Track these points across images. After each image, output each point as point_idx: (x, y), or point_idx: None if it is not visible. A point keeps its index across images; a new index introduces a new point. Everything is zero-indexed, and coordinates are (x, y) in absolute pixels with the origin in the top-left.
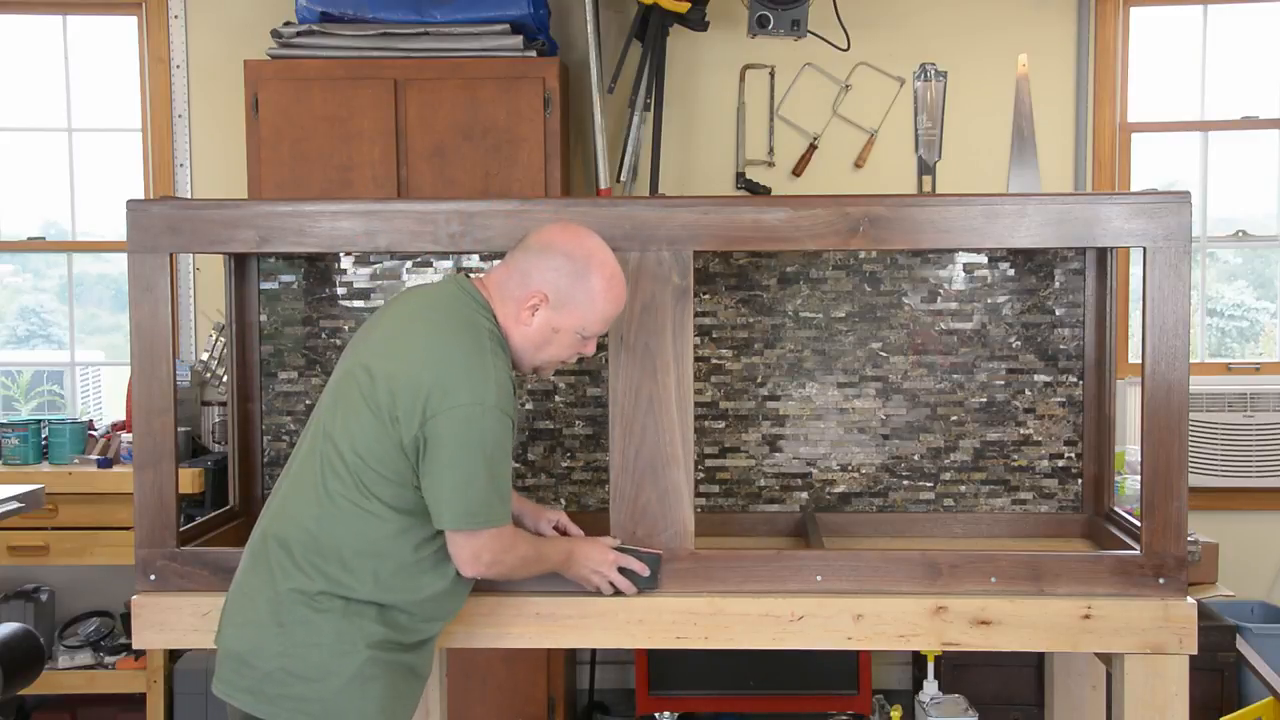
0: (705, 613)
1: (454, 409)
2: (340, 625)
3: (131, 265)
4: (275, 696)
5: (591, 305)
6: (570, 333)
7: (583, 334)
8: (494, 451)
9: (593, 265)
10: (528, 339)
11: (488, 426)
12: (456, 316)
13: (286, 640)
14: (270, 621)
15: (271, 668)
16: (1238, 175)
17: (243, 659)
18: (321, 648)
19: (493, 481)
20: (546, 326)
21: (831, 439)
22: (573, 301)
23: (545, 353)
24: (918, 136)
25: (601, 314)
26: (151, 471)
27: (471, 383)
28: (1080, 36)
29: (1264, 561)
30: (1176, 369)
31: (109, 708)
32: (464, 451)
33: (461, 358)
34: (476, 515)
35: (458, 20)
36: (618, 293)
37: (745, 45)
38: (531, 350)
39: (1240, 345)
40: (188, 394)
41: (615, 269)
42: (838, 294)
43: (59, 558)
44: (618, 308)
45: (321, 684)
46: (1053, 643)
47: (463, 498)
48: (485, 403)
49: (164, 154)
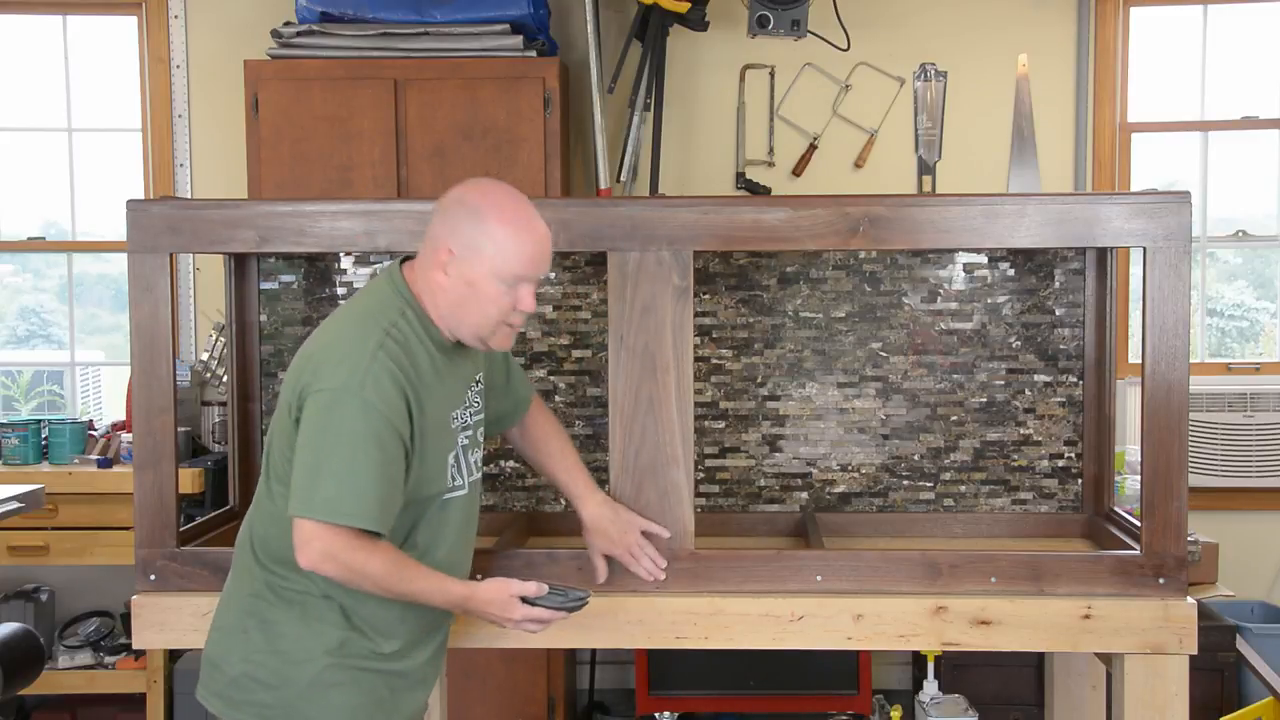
0: (705, 613)
1: (320, 392)
2: (299, 630)
3: (131, 265)
4: (240, 702)
5: (497, 246)
6: (488, 282)
7: (502, 281)
8: (357, 443)
9: (488, 206)
10: (448, 302)
11: (351, 415)
12: (361, 307)
13: (249, 645)
14: (236, 626)
15: (236, 673)
16: (1238, 175)
17: (214, 663)
18: (279, 654)
19: (349, 474)
20: (460, 282)
21: (831, 439)
22: (477, 247)
23: (474, 312)
24: (918, 136)
25: (513, 253)
26: (151, 471)
27: (345, 369)
28: (1080, 36)
29: (1264, 561)
30: (1176, 369)
31: (109, 708)
32: (320, 436)
33: (343, 345)
34: (314, 505)
35: (458, 20)
36: (524, 228)
37: (745, 45)
38: (458, 313)
39: (1240, 345)
40: (188, 394)
41: (519, 207)
42: (838, 294)
43: (59, 558)
44: (533, 245)
45: (280, 690)
46: (1053, 643)
47: (307, 483)
48: (352, 390)
49: (164, 154)
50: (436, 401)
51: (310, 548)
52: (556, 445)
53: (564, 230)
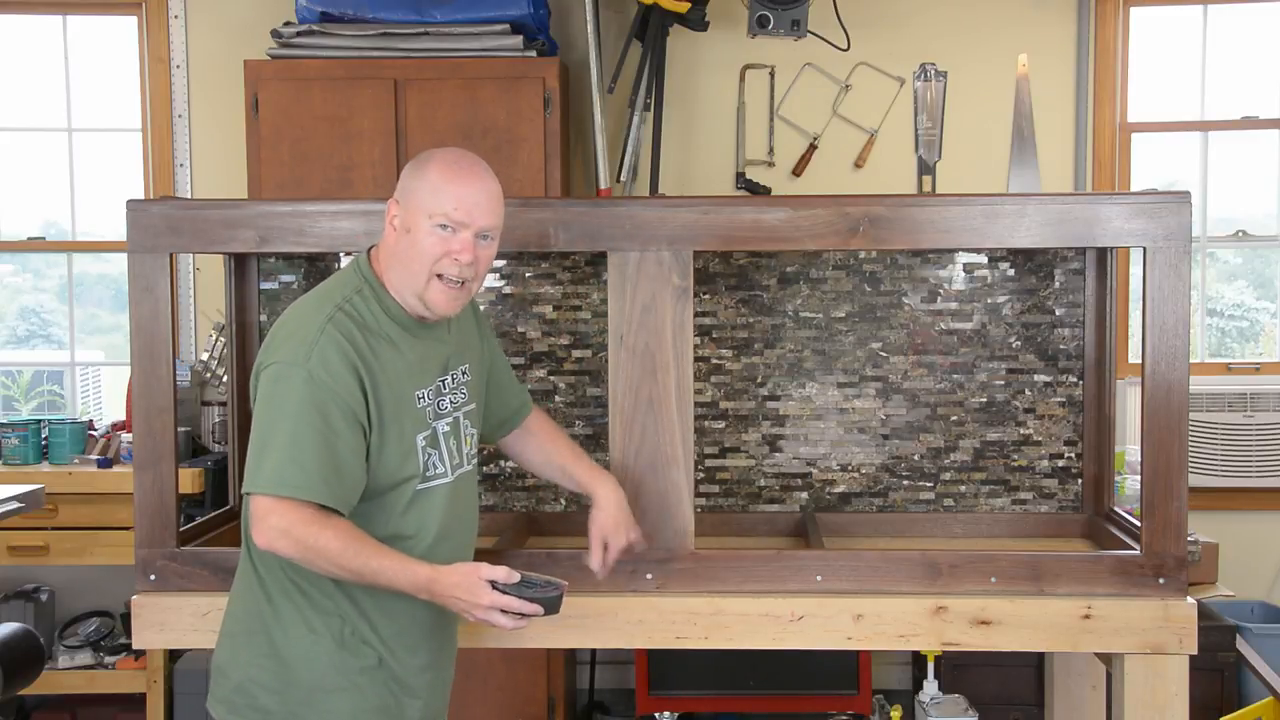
0: (705, 613)
1: (268, 367)
2: (300, 634)
3: (131, 265)
4: (243, 707)
5: (428, 185)
6: (422, 225)
7: (432, 220)
8: (300, 415)
9: (433, 157)
10: (396, 257)
11: (295, 388)
12: (319, 289)
13: (252, 650)
14: (240, 631)
15: (240, 678)
16: (1238, 175)
17: (220, 669)
18: (281, 659)
19: (294, 446)
20: (402, 230)
21: (831, 439)
22: (413, 191)
23: (411, 260)
24: (918, 136)
25: (442, 191)
26: (151, 471)
27: (291, 344)
28: (1080, 36)
29: (1264, 561)
30: (1176, 369)
31: (109, 708)
32: (266, 410)
33: (294, 322)
34: (260, 479)
35: (458, 20)
36: (461, 171)
37: (745, 45)
38: (403, 268)
39: (1240, 345)
40: (188, 394)
41: (462, 158)
42: (838, 294)
43: (59, 558)
44: (464, 187)
45: (283, 695)
46: (1053, 643)
47: (255, 459)
48: (297, 363)
49: (164, 154)
50: (396, 378)
51: (264, 524)
52: (565, 443)
53: (564, 230)
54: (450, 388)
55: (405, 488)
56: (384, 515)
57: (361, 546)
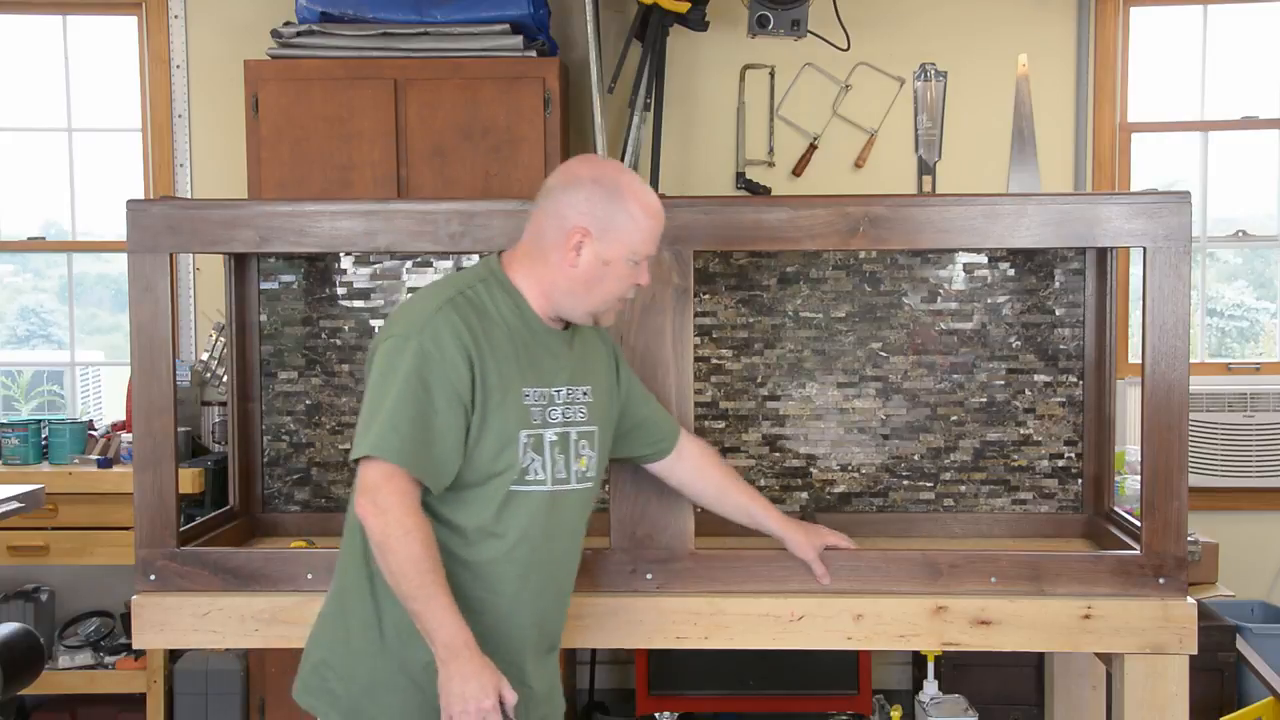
0: (705, 613)
1: (384, 341)
2: (368, 622)
3: (131, 265)
4: (316, 689)
5: (635, 224)
6: (621, 262)
7: (633, 259)
8: (406, 385)
9: (623, 184)
10: (579, 281)
11: (405, 359)
12: (443, 279)
13: (330, 635)
14: (327, 612)
15: (315, 660)
16: (1238, 175)
17: (307, 648)
18: (350, 648)
19: (394, 414)
20: (596, 261)
21: (831, 439)
22: (615, 226)
23: (600, 290)
24: (918, 136)
25: (648, 231)
26: (151, 472)
27: (407, 319)
28: (1080, 36)
29: (1264, 561)
30: (1176, 369)
31: (109, 708)
32: (382, 379)
33: (412, 302)
34: (370, 442)
35: (458, 20)
36: (656, 206)
37: (745, 45)
38: (584, 292)
39: (1240, 345)
40: (188, 394)
41: (646, 189)
42: (838, 294)
43: (59, 558)
44: (660, 221)
45: (347, 684)
46: (1053, 643)
47: (365, 422)
48: (411, 335)
49: (164, 154)
50: (506, 368)
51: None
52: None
53: None
54: (564, 400)
55: (498, 483)
56: (477, 506)
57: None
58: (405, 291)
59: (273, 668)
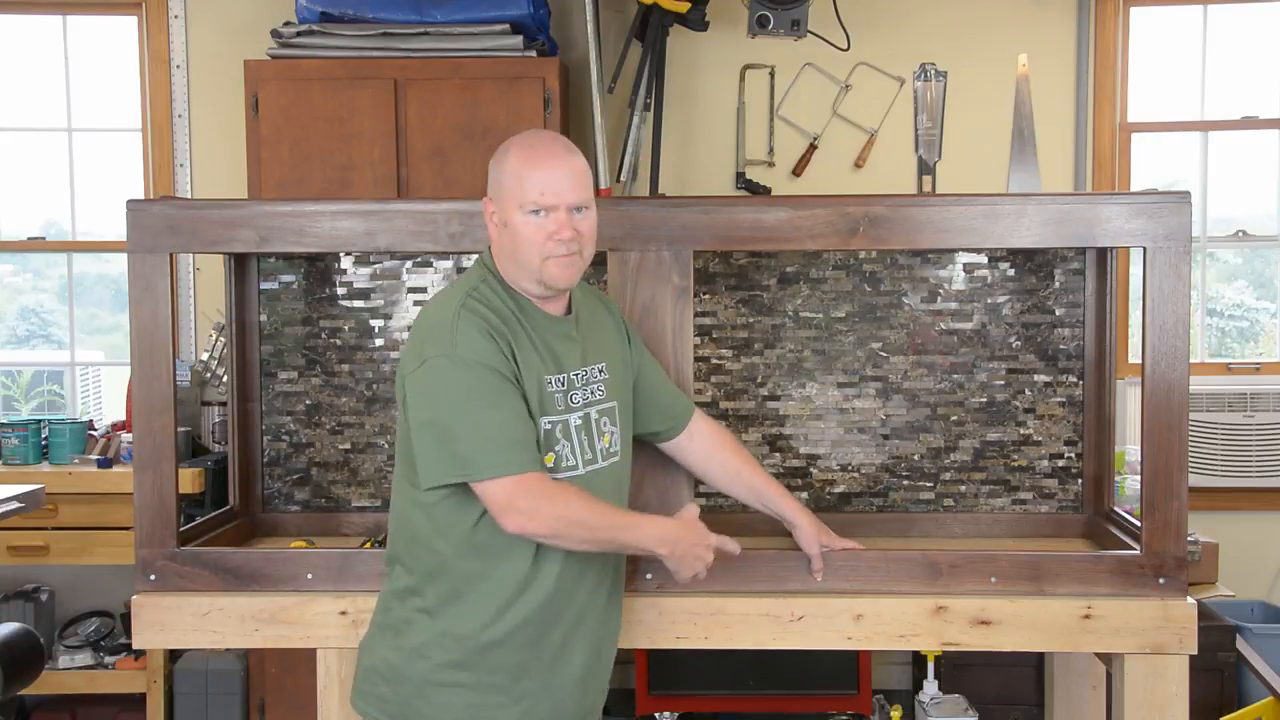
0: (705, 613)
1: (417, 369)
2: (414, 626)
3: (131, 265)
4: (367, 694)
5: (514, 176)
6: (516, 216)
7: (528, 209)
8: (471, 399)
9: (512, 144)
10: (504, 251)
11: (454, 375)
12: (445, 290)
13: (380, 639)
14: (376, 620)
15: (366, 665)
16: (1238, 175)
17: (359, 655)
18: (399, 650)
19: (478, 429)
20: (501, 225)
21: (831, 439)
22: (500, 185)
23: (522, 253)
24: (918, 136)
25: (529, 181)
26: (151, 472)
27: (433, 339)
28: (1080, 36)
29: (1264, 561)
30: (1176, 369)
31: (109, 708)
32: (436, 405)
33: (427, 321)
34: (471, 464)
35: (458, 20)
36: (539, 153)
37: (745, 45)
38: (513, 260)
39: (1240, 345)
40: (188, 394)
41: (533, 139)
42: (838, 294)
43: (59, 558)
44: (547, 168)
45: (397, 686)
46: (1053, 643)
47: (449, 452)
48: (445, 353)
49: (164, 154)
50: (528, 360)
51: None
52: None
53: None
54: (583, 382)
55: None
56: None
57: (604, 507)
58: (405, 291)
59: (273, 668)
